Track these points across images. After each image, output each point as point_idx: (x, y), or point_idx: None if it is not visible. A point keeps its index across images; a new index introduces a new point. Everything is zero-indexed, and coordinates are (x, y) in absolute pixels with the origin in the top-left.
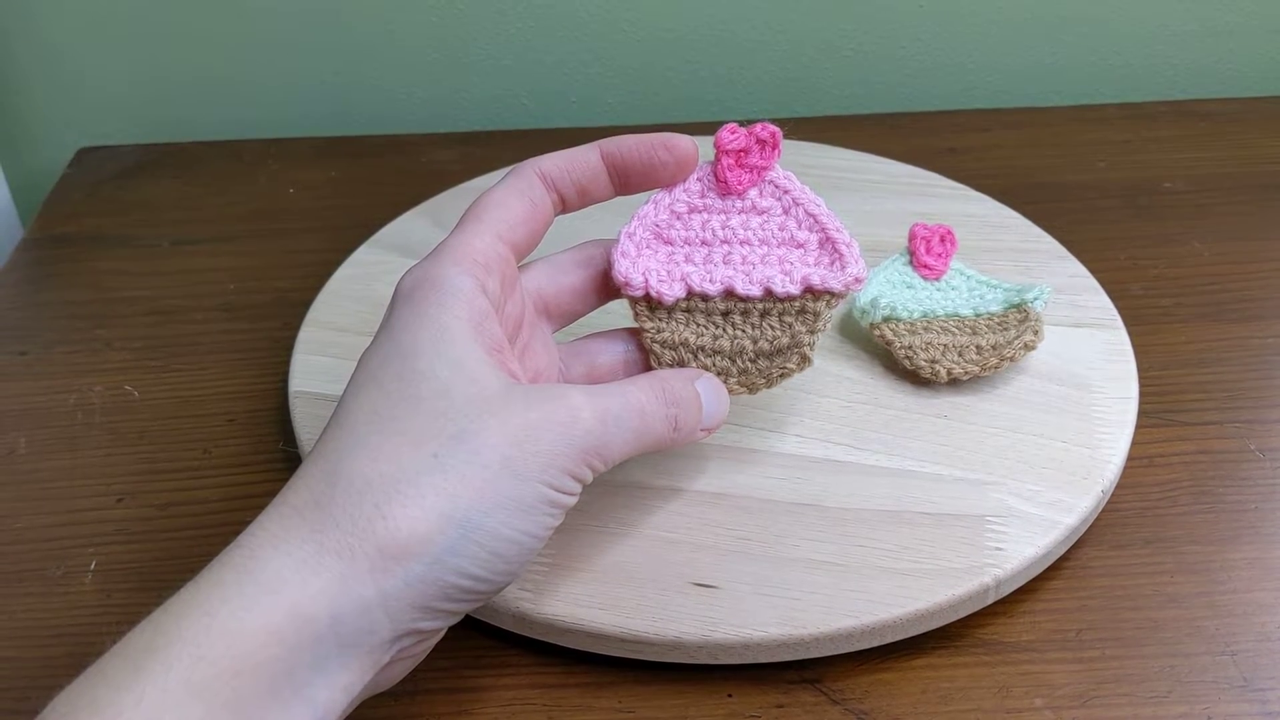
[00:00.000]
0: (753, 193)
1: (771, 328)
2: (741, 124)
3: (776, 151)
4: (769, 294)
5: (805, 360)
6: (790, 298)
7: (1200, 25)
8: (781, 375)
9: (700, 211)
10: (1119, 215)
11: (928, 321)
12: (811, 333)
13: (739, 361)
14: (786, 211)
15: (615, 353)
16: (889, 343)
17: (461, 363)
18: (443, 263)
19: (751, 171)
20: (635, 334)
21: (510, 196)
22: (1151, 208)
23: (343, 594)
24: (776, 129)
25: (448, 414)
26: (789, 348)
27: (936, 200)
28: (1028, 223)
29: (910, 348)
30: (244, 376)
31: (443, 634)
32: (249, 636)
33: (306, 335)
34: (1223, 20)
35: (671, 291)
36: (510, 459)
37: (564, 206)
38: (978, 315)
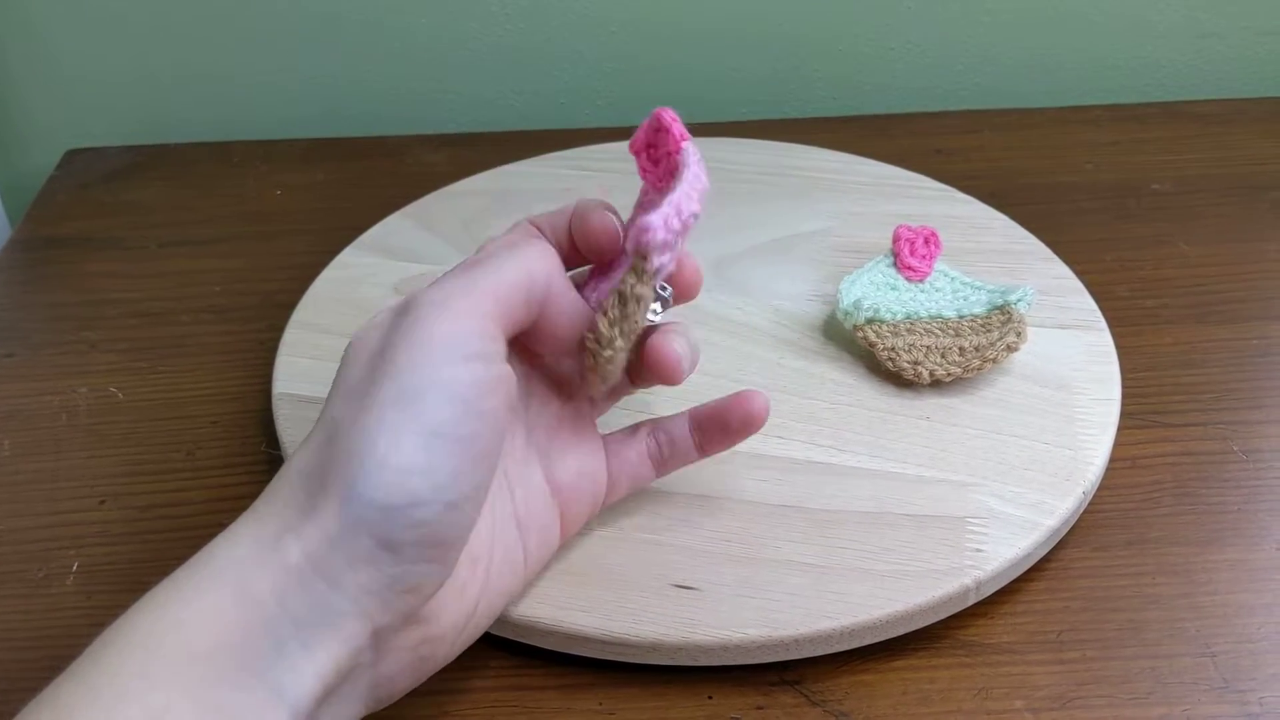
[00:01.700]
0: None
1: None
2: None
3: (670, 135)
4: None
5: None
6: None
7: (1188, 27)
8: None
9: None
10: (1106, 217)
11: (911, 323)
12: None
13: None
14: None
15: (642, 439)
16: (872, 345)
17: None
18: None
19: (661, 163)
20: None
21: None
22: (1139, 209)
23: (277, 568)
24: (665, 112)
25: (338, 380)
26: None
27: (922, 202)
28: (1013, 224)
29: (893, 349)
30: (229, 378)
31: (445, 628)
32: (197, 624)
33: (291, 338)
34: (1211, 22)
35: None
36: (375, 370)
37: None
38: (961, 317)
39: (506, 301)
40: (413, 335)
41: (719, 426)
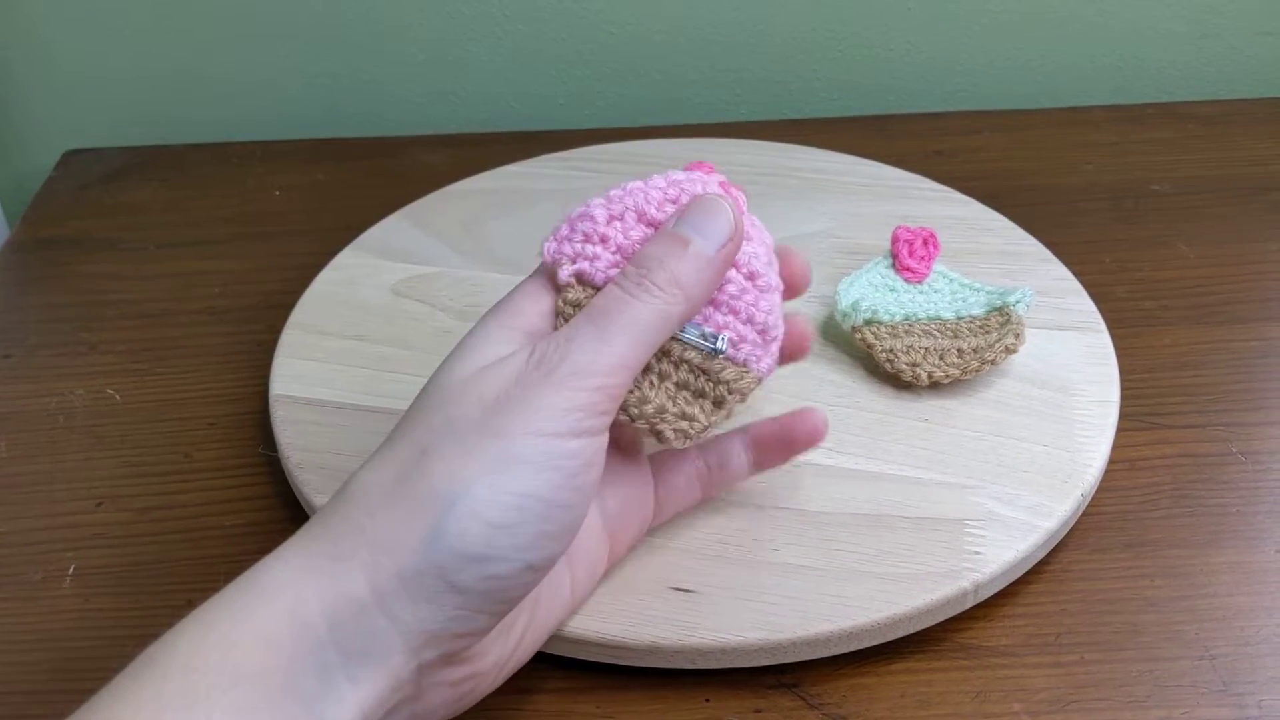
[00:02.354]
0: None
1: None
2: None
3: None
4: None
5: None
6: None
7: (1188, 27)
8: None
9: None
10: (1106, 218)
11: (909, 324)
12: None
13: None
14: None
15: (690, 462)
16: (870, 346)
17: (468, 353)
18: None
19: None
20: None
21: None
22: (1138, 210)
23: (336, 595)
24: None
25: (440, 406)
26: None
27: (921, 203)
28: (1012, 225)
29: (891, 351)
30: (226, 380)
31: (489, 667)
32: (244, 645)
33: (288, 339)
34: (1210, 22)
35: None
36: (486, 424)
37: None
38: (959, 318)
39: (633, 367)
40: (530, 401)
41: (782, 444)
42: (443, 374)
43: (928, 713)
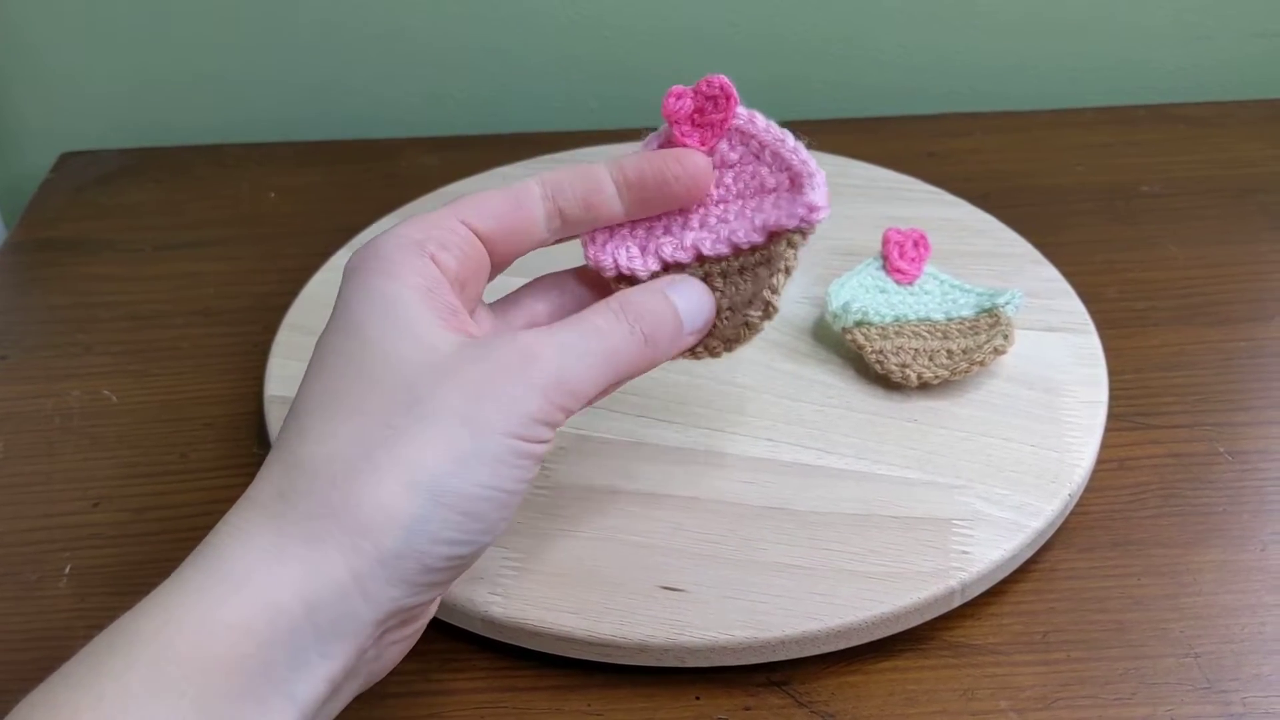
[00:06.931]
0: (722, 146)
1: (745, 281)
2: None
3: (732, 101)
4: (736, 249)
5: (769, 308)
6: (755, 247)
7: (1179, 29)
8: (747, 326)
9: None
10: (1097, 219)
11: (899, 326)
12: (772, 275)
13: (718, 322)
14: (757, 157)
15: (551, 300)
16: (860, 347)
17: (410, 328)
18: (390, 235)
19: (710, 129)
20: (571, 274)
21: (492, 192)
22: (1129, 211)
23: (315, 580)
24: (724, 79)
25: (401, 384)
26: (754, 298)
27: (912, 204)
28: (1003, 226)
29: (881, 352)
30: (222, 381)
31: (431, 613)
32: (217, 634)
33: (284, 340)
34: (1202, 24)
35: (645, 266)
36: (468, 416)
37: (563, 220)
38: (949, 319)
39: (592, 397)
40: (509, 398)
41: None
42: (376, 346)
43: (916, 711)
